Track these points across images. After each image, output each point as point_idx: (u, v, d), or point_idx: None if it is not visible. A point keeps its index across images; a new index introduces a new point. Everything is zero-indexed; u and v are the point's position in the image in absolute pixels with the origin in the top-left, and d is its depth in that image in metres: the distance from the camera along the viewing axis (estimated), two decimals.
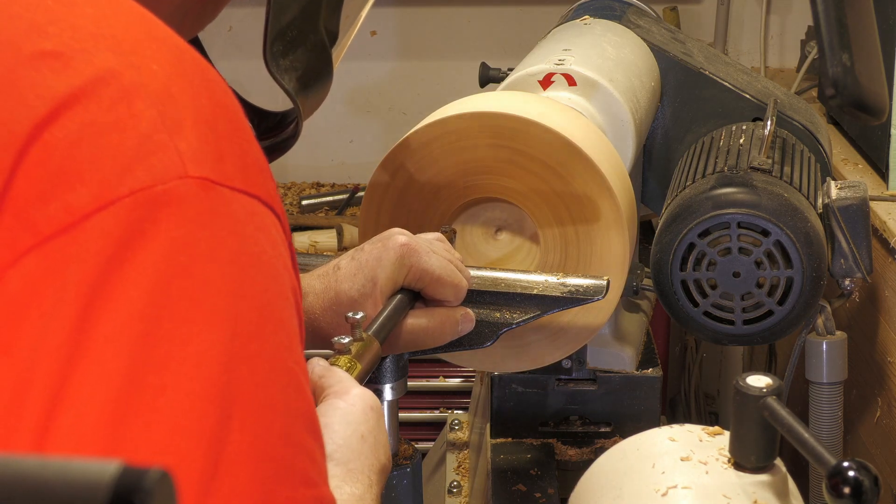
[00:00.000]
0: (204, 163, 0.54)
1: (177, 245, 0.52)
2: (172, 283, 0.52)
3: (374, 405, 0.86)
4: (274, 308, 0.56)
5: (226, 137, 0.56)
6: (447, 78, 2.49)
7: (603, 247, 1.19)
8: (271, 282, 0.56)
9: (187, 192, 0.53)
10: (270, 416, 0.54)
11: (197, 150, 0.54)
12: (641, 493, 0.95)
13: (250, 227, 0.55)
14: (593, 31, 1.55)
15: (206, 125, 0.55)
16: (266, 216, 0.57)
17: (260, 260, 0.55)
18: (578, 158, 1.16)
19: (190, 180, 0.53)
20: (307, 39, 0.86)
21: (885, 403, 1.54)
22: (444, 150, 1.19)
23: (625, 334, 1.53)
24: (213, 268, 0.53)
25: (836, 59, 1.08)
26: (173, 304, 0.52)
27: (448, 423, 1.78)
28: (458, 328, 1.08)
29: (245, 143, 0.57)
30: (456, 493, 1.61)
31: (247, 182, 0.56)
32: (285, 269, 0.57)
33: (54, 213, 0.51)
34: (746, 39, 2.48)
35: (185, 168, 0.53)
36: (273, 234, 0.57)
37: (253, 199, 0.56)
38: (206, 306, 0.53)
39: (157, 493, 0.36)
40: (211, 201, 0.54)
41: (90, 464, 0.37)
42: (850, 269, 1.36)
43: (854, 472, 0.81)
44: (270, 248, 0.56)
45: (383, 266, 1.06)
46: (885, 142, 1.69)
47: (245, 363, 0.54)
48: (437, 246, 1.10)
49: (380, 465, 0.84)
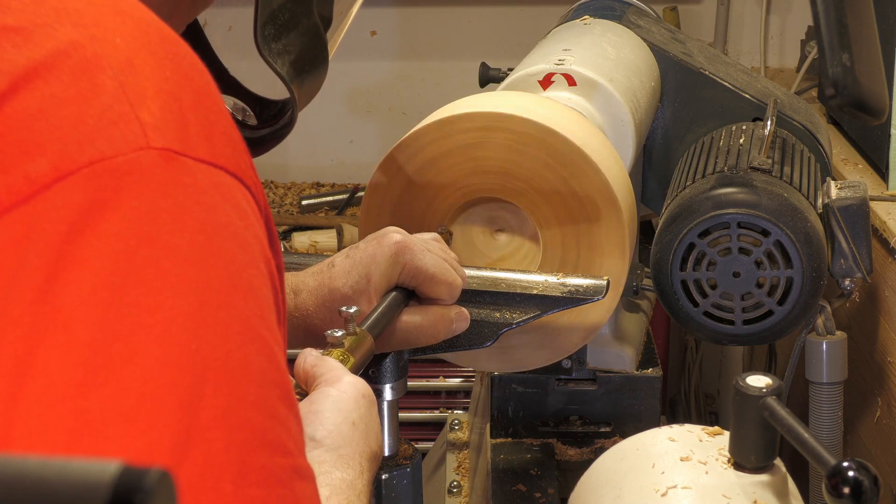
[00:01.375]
0: (166, 133, 0.54)
1: (140, 214, 0.52)
2: (137, 251, 0.52)
3: (365, 393, 0.86)
4: (243, 276, 0.55)
5: (191, 109, 0.56)
6: (447, 78, 2.49)
7: (603, 247, 1.19)
8: (240, 251, 0.56)
9: (149, 163, 0.53)
10: (243, 383, 0.54)
11: (159, 121, 0.54)
12: (641, 493, 0.95)
13: (216, 196, 0.55)
14: (593, 31, 1.55)
15: (169, 96, 0.55)
16: (234, 187, 0.56)
17: (227, 230, 0.55)
18: (579, 158, 1.16)
19: (152, 151, 0.53)
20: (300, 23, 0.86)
21: (885, 403, 1.54)
22: (444, 150, 1.19)
23: (625, 334, 1.53)
24: (178, 236, 0.53)
25: (836, 59, 1.08)
26: (138, 272, 0.52)
27: (448, 423, 1.78)
28: (453, 327, 1.08)
29: (213, 114, 0.57)
30: (456, 493, 1.61)
31: (213, 153, 0.56)
32: (256, 240, 0.57)
33: (13, 184, 0.51)
34: (746, 39, 2.48)
35: (147, 139, 0.53)
36: (242, 204, 0.56)
37: (219, 170, 0.56)
38: (172, 274, 0.52)
39: (157, 493, 0.36)
40: (174, 171, 0.54)
41: (90, 464, 0.37)
42: (850, 269, 1.36)
43: (854, 471, 0.81)
44: (238, 218, 0.56)
45: (377, 263, 1.06)
46: (885, 142, 1.69)
47: (215, 330, 0.53)
48: (433, 245, 1.10)
49: (370, 452, 0.84)
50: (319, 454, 0.81)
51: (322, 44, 0.88)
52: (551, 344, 1.23)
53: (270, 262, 0.58)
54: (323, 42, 0.88)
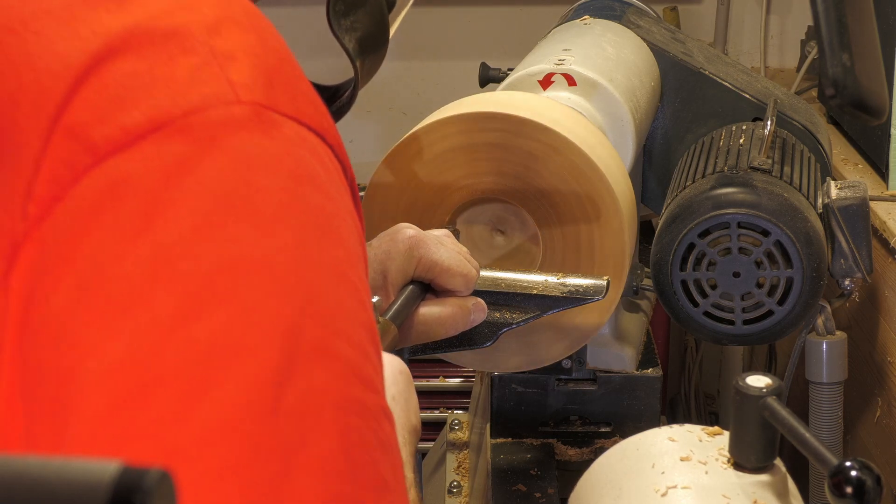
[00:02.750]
0: (255, 90, 0.56)
1: (234, 160, 0.54)
2: (234, 192, 0.54)
3: (402, 369, 0.88)
4: (332, 224, 0.57)
5: (276, 71, 0.58)
6: (447, 78, 2.49)
7: (603, 247, 1.19)
8: (327, 201, 0.57)
9: (240, 115, 0.55)
10: (339, 320, 0.55)
11: (248, 79, 0.57)
12: (641, 493, 0.95)
13: (303, 149, 0.57)
14: (593, 31, 1.55)
15: (256, 58, 0.58)
16: (318, 144, 0.59)
17: (315, 180, 0.57)
18: (579, 158, 1.16)
19: (242, 105, 0.56)
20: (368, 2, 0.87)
21: (885, 403, 1.54)
22: (445, 150, 1.19)
23: (625, 334, 1.53)
24: (272, 181, 0.55)
25: (836, 59, 1.08)
26: (237, 210, 0.54)
27: (448, 423, 1.78)
28: (471, 318, 1.09)
29: (295, 79, 0.60)
30: (456, 493, 1.61)
31: (297, 111, 0.58)
32: (339, 192, 0.59)
33: (111, 134, 0.53)
34: (746, 39, 2.48)
35: (237, 94, 0.56)
36: (325, 160, 0.59)
37: (303, 127, 0.58)
38: (269, 214, 0.54)
39: (157, 493, 0.36)
40: (263, 124, 0.56)
41: (90, 463, 0.37)
42: (850, 269, 1.36)
43: (856, 471, 0.81)
44: (323, 171, 0.58)
45: (392, 259, 1.07)
46: (885, 142, 1.69)
47: (310, 268, 0.55)
48: (445, 239, 1.11)
49: (411, 425, 0.86)
50: None
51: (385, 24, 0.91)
52: (565, 336, 1.22)
53: (355, 216, 0.60)
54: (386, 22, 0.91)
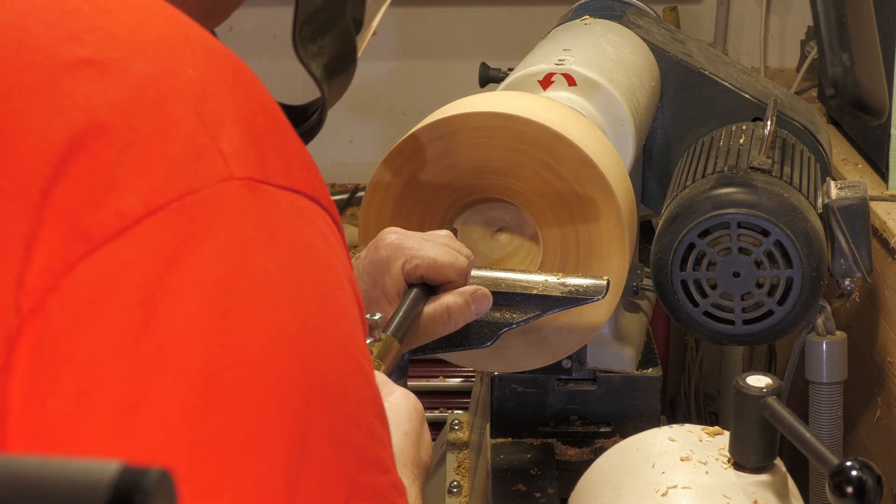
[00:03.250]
0: (247, 162, 0.54)
1: (232, 243, 0.53)
2: (234, 279, 0.52)
3: (417, 406, 0.88)
4: (332, 298, 0.56)
5: (266, 134, 0.56)
6: (447, 78, 2.49)
7: (603, 247, 1.19)
8: (326, 273, 0.56)
9: (235, 193, 0.53)
10: (344, 402, 0.55)
11: (239, 151, 0.54)
12: (641, 493, 0.95)
13: (299, 221, 0.56)
14: (593, 31, 1.55)
15: (245, 124, 0.56)
16: (313, 210, 0.57)
17: (312, 253, 0.56)
18: (579, 158, 1.16)
19: (236, 181, 0.54)
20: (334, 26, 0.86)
21: (885, 403, 1.54)
22: (445, 150, 1.19)
23: (625, 334, 1.53)
24: (270, 263, 0.54)
25: (836, 59, 1.08)
26: (238, 299, 0.52)
27: (448, 423, 1.78)
28: (472, 308, 1.08)
29: (285, 139, 0.58)
30: (456, 493, 1.61)
31: (290, 178, 0.56)
32: (338, 260, 0.58)
33: (105, 220, 0.51)
34: (746, 39, 2.48)
35: (230, 169, 0.54)
36: (321, 226, 0.57)
37: (297, 195, 0.56)
38: (269, 299, 0.53)
39: (157, 493, 0.36)
40: (258, 200, 0.54)
41: (90, 463, 0.37)
42: (850, 269, 1.36)
43: (857, 471, 0.81)
44: (321, 241, 0.57)
45: (378, 268, 1.07)
46: (885, 142, 1.69)
47: (314, 351, 0.54)
48: (433, 236, 1.10)
49: (422, 462, 0.86)
50: None
51: (352, 46, 0.90)
52: (550, 344, 1.23)
53: (353, 281, 0.59)
54: (353, 45, 0.89)
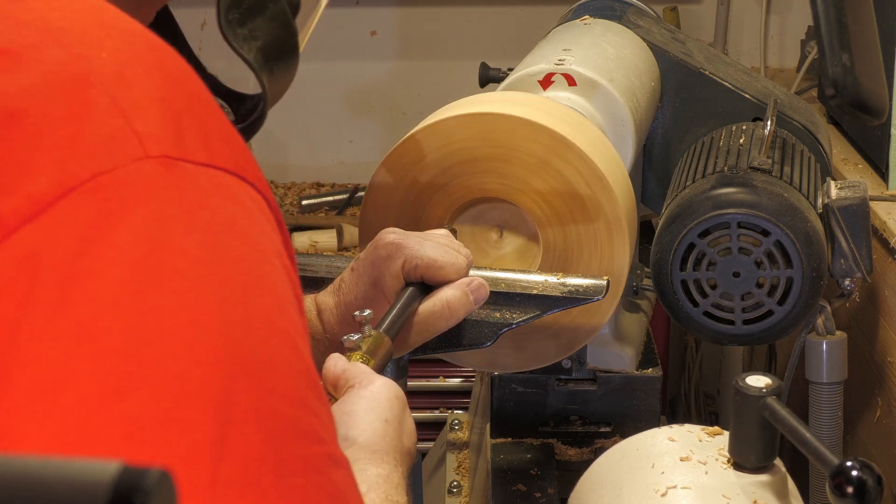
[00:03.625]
0: (162, 141, 0.54)
1: (148, 221, 0.53)
2: (150, 257, 0.52)
3: (398, 394, 0.88)
4: (256, 273, 0.56)
5: (185, 114, 0.56)
6: (447, 78, 2.49)
7: (603, 246, 1.19)
8: (249, 249, 0.56)
9: (150, 171, 0.53)
10: (272, 376, 0.54)
11: (155, 130, 0.55)
12: (641, 493, 0.95)
13: (218, 197, 0.56)
14: (593, 31, 1.55)
15: (162, 104, 0.56)
16: (235, 186, 0.57)
17: (233, 228, 0.56)
18: (579, 158, 1.16)
19: (151, 160, 0.54)
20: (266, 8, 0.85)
21: (885, 403, 1.54)
22: (445, 150, 1.19)
23: (625, 334, 1.53)
24: (188, 239, 0.54)
25: (836, 59, 1.08)
26: (155, 277, 0.52)
27: (448, 423, 1.78)
28: (471, 298, 1.08)
29: (207, 116, 0.58)
30: (456, 493, 1.61)
31: (210, 155, 0.56)
32: (264, 236, 0.57)
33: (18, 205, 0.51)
34: (746, 39, 2.48)
35: (145, 148, 0.54)
36: (246, 202, 0.57)
37: (218, 171, 0.56)
38: (188, 275, 0.53)
39: (157, 492, 0.36)
40: (174, 177, 0.54)
41: (90, 463, 0.37)
42: (850, 269, 1.36)
43: (857, 471, 0.81)
44: (243, 216, 0.56)
45: (377, 267, 1.07)
46: (885, 142, 1.69)
47: (238, 325, 0.54)
48: (432, 235, 1.10)
49: (404, 449, 0.86)
50: (353, 452, 0.82)
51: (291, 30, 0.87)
52: (566, 336, 1.22)
53: (283, 256, 0.59)
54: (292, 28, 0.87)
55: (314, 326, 1.09)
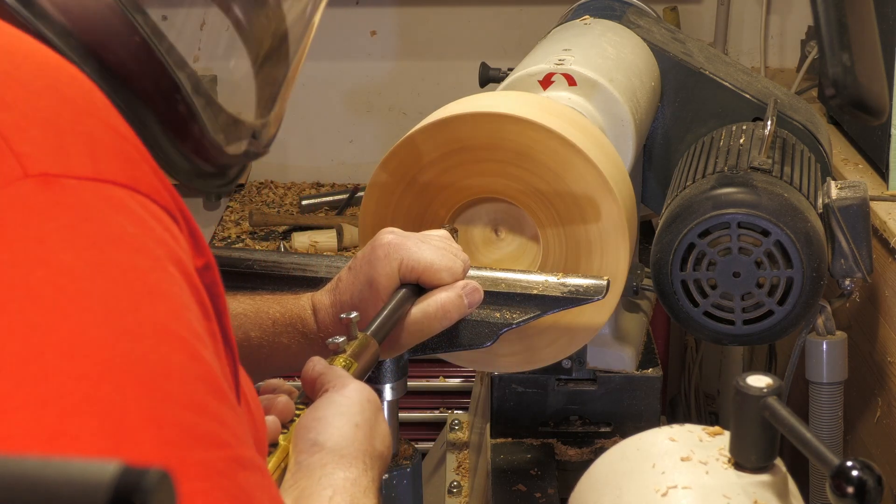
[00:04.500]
0: (42, 159, 0.55)
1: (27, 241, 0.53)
2: (31, 275, 0.53)
3: (370, 398, 0.88)
4: (147, 281, 0.56)
5: (69, 131, 0.57)
6: (447, 78, 2.49)
7: (603, 246, 1.19)
8: (139, 257, 0.56)
9: (28, 191, 0.54)
10: (165, 383, 0.55)
11: (35, 149, 0.55)
12: (641, 493, 0.95)
13: (104, 210, 0.56)
14: (593, 31, 1.55)
15: (44, 123, 0.56)
16: (126, 197, 0.57)
17: (121, 240, 0.56)
18: (578, 158, 1.16)
19: (30, 179, 0.54)
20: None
21: (885, 403, 1.54)
22: (444, 150, 1.19)
23: (625, 334, 1.53)
24: (69, 254, 0.54)
25: (836, 59, 1.08)
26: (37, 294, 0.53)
27: (448, 423, 1.78)
28: (465, 302, 1.08)
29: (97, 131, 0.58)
30: (456, 493, 1.61)
31: (96, 169, 0.57)
32: (159, 243, 0.58)
33: None
34: (746, 39, 2.48)
35: (24, 168, 0.54)
36: (138, 211, 0.57)
37: (104, 184, 0.57)
38: (70, 291, 0.53)
39: (156, 493, 0.36)
40: (54, 194, 0.55)
41: (90, 464, 0.37)
42: (850, 269, 1.36)
43: (857, 471, 0.81)
44: (133, 226, 0.57)
45: (374, 267, 1.07)
46: (885, 142, 1.69)
47: (125, 336, 0.54)
48: (430, 237, 1.10)
49: (375, 452, 0.86)
50: (322, 457, 0.82)
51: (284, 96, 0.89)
52: (566, 336, 1.22)
53: (183, 262, 0.59)
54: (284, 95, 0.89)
55: (310, 325, 1.09)
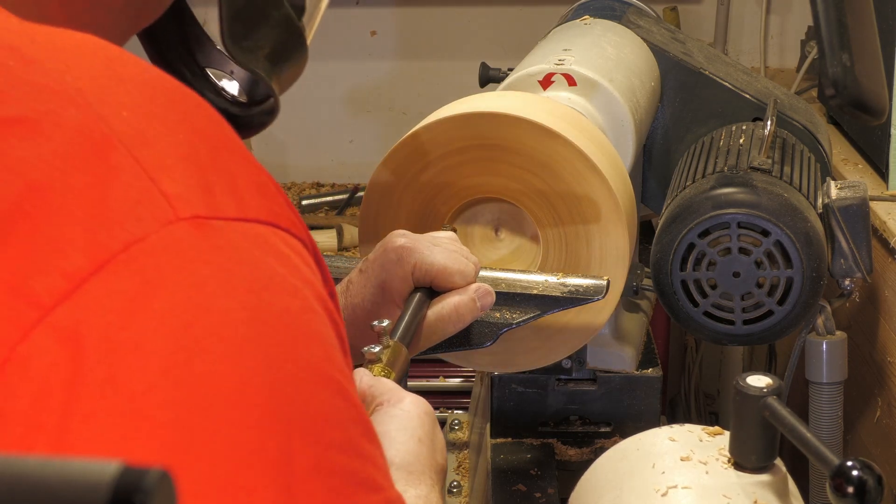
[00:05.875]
0: (191, 200, 0.53)
1: (186, 288, 0.51)
2: (193, 324, 0.51)
3: (428, 411, 0.88)
4: (300, 324, 0.55)
5: (210, 167, 0.55)
6: (447, 78, 2.49)
7: (603, 247, 1.19)
8: (291, 299, 0.55)
9: (183, 235, 0.52)
10: (327, 429, 0.54)
11: (182, 189, 0.53)
12: (641, 493, 0.95)
13: (254, 251, 0.54)
14: (593, 31, 1.55)
15: (187, 160, 0.54)
16: (271, 235, 0.56)
17: (273, 281, 0.54)
18: (578, 158, 1.16)
19: (182, 222, 0.52)
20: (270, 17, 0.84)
21: (885, 403, 1.54)
22: (444, 149, 1.19)
23: (625, 334, 1.53)
24: (229, 301, 0.52)
25: (836, 59, 1.08)
26: (199, 344, 0.51)
27: (448, 423, 1.78)
28: (478, 304, 1.08)
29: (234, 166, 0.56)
30: (456, 493, 1.61)
31: (241, 208, 0.55)
32: (304, 282, 0.56)
33: (53, 283, 0.50)
34: (746, 39, 2.48)
35: (175, 211, 0.52)
36: (283, 250, 0.56)
37: (251, 224, 0.55)
38: (233, 339, 0.52)
39: (157, 493, 0.36)
40: (208, 238, 0.53)
41: (90, 464, 0.37)
42: (850, 269, 1.36)
43: (858, 471, 0.81)
44: (281, 266, 0.55)
45: (387, 270, 1.06)
46: (885, 142, 1.69)
47: (288, 383, 0.53)
48: (440, 239, 1.10)
49: (438, 465, 0.86)
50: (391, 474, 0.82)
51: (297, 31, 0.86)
52: (550, 344, 1.23)
53: (325, 300, 0.57)
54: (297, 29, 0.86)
55: None
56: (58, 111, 0.53)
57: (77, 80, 0.55)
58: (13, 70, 0.54)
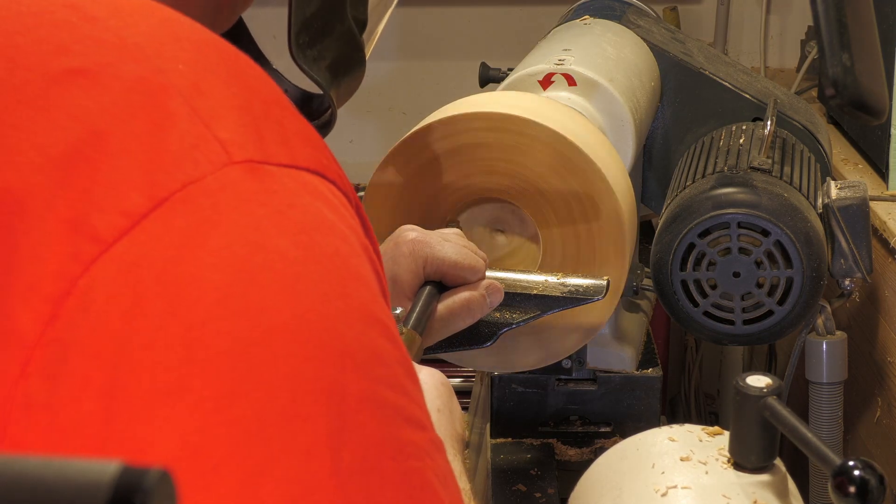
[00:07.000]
0: (245, 146, 0.55)
1: (241, 226, 0.54)
2: (250, 260, 0.53)
3: (444, 381, 0.90)
4: (350, 266, 0.57)
5: (263, 119, 0.57)
6: (447, 78, 2.49)
7: (603, 247, 1.19)
8: (341, 243, 0.57)
9: (237, 177, 0.54)
10: (376, 365, 0.55)
11: (236, 136, 0.56)
12: (641, 493, 0.95)
13: (305, 196, 0.56)
14: (593, 31, 1.55)
15: (240, 110, 0.57)
16: (319, 184, 0.58)
17: (324, 225, 0.56)
18: (578, 158, 1.16)
19: (236, 166, 0.55)
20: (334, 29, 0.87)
21: (885, 403, 1.54)
22: (445, 149, 1.19)
23: (625, 334, 1.53)
24: (282, 239, 0.54)
25: (836, 59, 1.08)
26: (255, 279, 0.53)
27: None
28: (487, 301, 1.09)
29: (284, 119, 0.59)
30: None
31: (291, 156, 0.57)
32: (351, 230, 0.58)
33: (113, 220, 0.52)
34: (746, 39, 2.48)
35: (229, 155, 0.55)
36: (330, 198, 0.58)
37: (301, 171, 0.57)
38: (288, 275, 0.54)
39: (157, 492, 0.36)
40: (261, 181, 0.55)
41: (90, 464, 0.37)
42: (850, 269, 1.36)
43: (859, 471, 0.81)
44: (330, 212, 0.57)
45: (399, 264, 1.08)
46: (885, 142, 1.69)
47: (340, 319, 0.55)
48: (450, 235, 1.12)
49: (457, 434, 0.87)
50: None
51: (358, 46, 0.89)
52: (549, 344, 1.23)
53: (368, 248, 0.60)
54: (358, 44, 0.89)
55: None
56: (117, 64, 0.56)
57: (136, 37, 0.58)
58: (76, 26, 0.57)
